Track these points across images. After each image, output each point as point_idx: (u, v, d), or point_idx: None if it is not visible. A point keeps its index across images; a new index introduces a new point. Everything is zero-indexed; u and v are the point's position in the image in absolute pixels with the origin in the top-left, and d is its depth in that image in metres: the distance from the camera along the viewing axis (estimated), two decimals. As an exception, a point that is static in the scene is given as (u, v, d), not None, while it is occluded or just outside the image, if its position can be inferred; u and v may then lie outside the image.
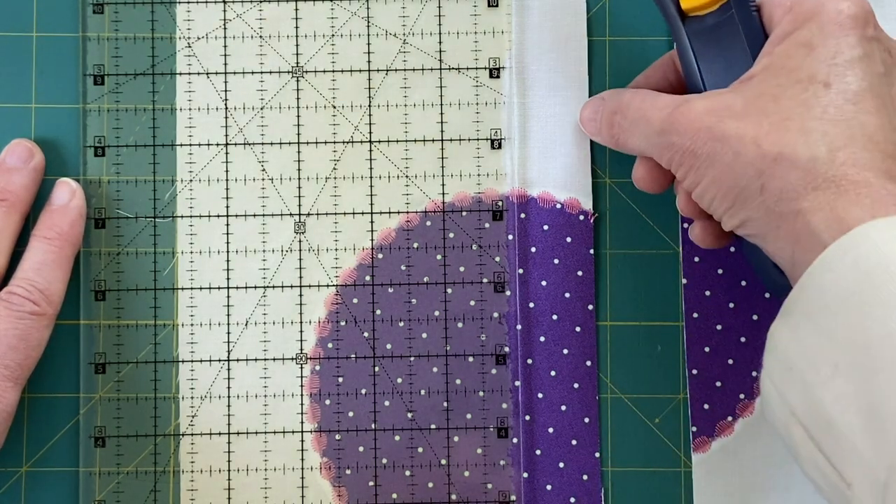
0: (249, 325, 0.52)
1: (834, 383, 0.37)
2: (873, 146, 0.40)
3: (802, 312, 0.39)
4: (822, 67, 0.41)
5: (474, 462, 0.52)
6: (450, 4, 0.53)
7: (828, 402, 0.37)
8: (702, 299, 0.52)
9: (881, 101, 0.41)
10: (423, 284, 0.52)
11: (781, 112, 0.41)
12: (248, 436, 0.52)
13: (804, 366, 0.38)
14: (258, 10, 0.53)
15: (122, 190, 0.52)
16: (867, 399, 0.36)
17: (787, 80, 0.42)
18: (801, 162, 0.40)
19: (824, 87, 0.41)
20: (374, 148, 0.53)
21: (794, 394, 0.38)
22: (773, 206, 0.41)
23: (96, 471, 0.51)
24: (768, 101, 0.42)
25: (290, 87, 0.53)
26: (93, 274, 0.52)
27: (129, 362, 0.52)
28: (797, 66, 0.42)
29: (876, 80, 0.41)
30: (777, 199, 0.40)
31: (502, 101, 0.53)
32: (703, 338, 0.52)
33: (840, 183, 0.39)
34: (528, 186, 0.53)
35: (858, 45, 0.42)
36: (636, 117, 0.46)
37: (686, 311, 0.52)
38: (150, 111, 0.53)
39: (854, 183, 0.39)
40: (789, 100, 0.41)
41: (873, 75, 0.41)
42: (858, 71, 0.41)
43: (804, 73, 0.41)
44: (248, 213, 0.52)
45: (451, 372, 0.52)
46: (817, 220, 0.39)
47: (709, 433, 0.52)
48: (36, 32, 0.53)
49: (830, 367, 0.37)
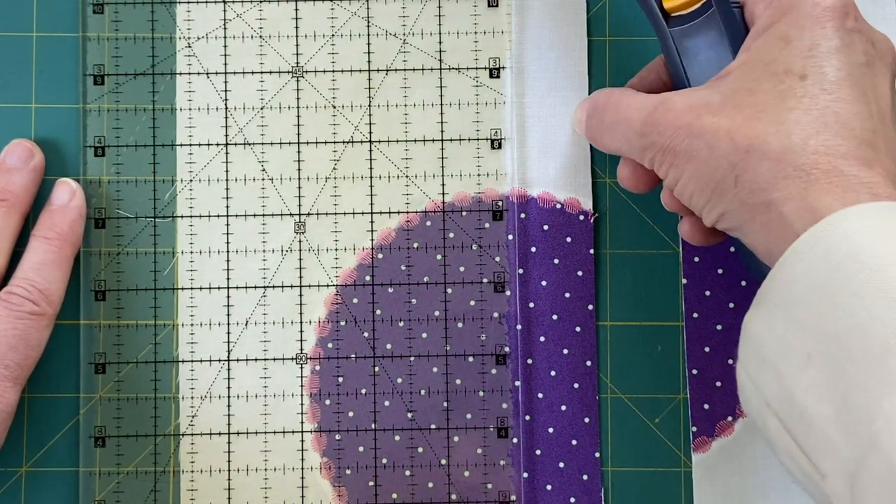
0: (249, 325, 0.52)
1: (806, 374, 0.37)
2: (847, 133, 0.40)
3: (775, 302, 0.39)
4: (798, 60, 0.41)
5: (474, 462, 0.52)
6: (450, 4, 0.53)
7: (800, 392, 0.37)
8: (702, 299, 0.52)
9: (860, 90, 0.41)
10: (423, 284, 0.52)
11: (756, 105, 0.41)
12: (248, 436, 0.52)
13: (777, 356, 0.38)
14: (258, 10, 0.53)
15: (122, 190, 0.52)
16: (838, 390, 0.36)
17: (763, 73, 0.42)
18: (772, 152, 0.40)
19: (800, 78, 0.41)
20: (374, 148, 0.53)
21: (768, 384, 0.38)
22: (747, 199, 0.40)
23: (96, 471, 0.51)
24: (744, 94, 0.42)
25: (290, 87, 0.53)
26: (93, 274, 0.52)
27: (129, 362, 0.52)
28: (774, 59, 0.42)
29: (856, 70, 0.41)
30: (750, 191, 0.40)
31: (502, 101, 0.53)
32: (703, 338, 0.52)
33: (811, 172, 0.39)
34: (528, 186, 0.53)
35: (836, 37, 0.41)
36: (615, 119, 0.46)
37: (686, 311, 0.52)
38: (150, 111, 0.53)
39: (825, 171, 0.39)
40: (765, 93, 0.41)
41: (852, 65, 0.41)
42: (835, 61, 0.41)
43: (780, 67, 0.41)
44: (248, 213, 0.52)
45: (451, 372, 0.52)
46: (788, 209, 0.39)
47: (709, 433, 0.52)
48: (36, 32, 0.53)
49: (803, 358, 0.37)
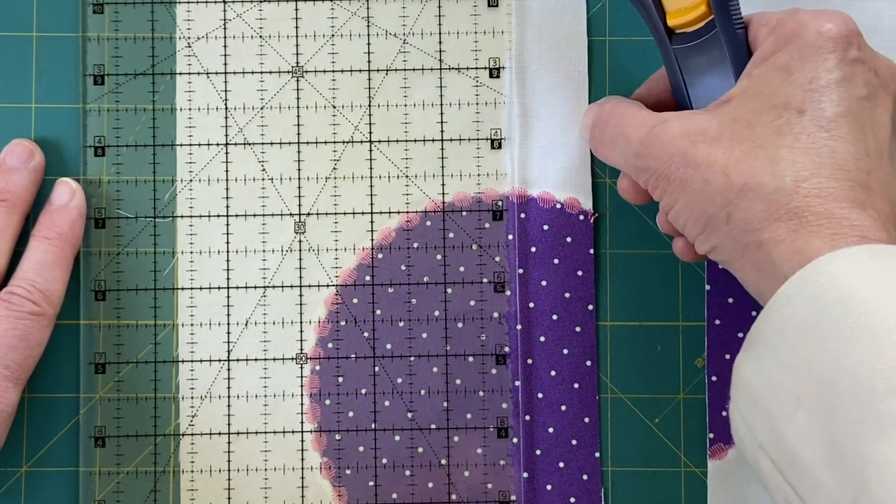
0: (249, 325, 0.52)
1: (797, 417, 0.36)
2: (842, 174, 0.39)
3: (764, 346, 0.39)
4: (797, 93, 0.41)
5: (474, 462, 0.52)
6: (450, 4, 0.53)
7: (792, 435, 0.37)
8: (724, 306, 0.52)
9: (858, 127, 0.40)
10: (423, 284, 0.52)
11: (754, 139, 0.41)
12: (248, 436, 0.52)
13: (768, 399, 0.38)
14: (258, 10, 0.53)
15: (122, 190, 0.52)
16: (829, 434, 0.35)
17: (762, 105, 0.41)
18: (766, 193, 0.40)
19: (798, 113, 0.41)
20: (374, 148, 0.53)
21: (760, 426, 0.38)
22: (739, 237, 0.40)
23: (96, 471, 0.51)
24: (742, 126, 0.41)
25: (290, 86, 0.53)
26: (93, 274, 0.52)
27: (128, 362, 0.52)
28: (774, 90, 0.41)
29: (854, 105, 0.41)
30: (742, 230, 0.40)
31: (502, 101, 0.53)
32: (725, 344, 0.52)
33: (802, 214, 0.39)
34: (528, 186, 0.53)
35: (837, 69, 0.41)
36: (615, 134, 0.46)
37: (708, 318, 0.52)
38: (150, 111, 0.53)
39: (816, 214, 0.39)
40: (763, 126, 0.41)
41: (851, 99, 0.41)
42: (835, 96, 0.41)
43: (780, 99, 0.41)
44: (248, 213, 0.52)
45: (451, 372, 0.52)
46: (778, 251, 0.39)
47: (726, 440, 0.52)
48: (36, 32, 0.53)
49: (793, 401, 0.37)
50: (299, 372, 0.52)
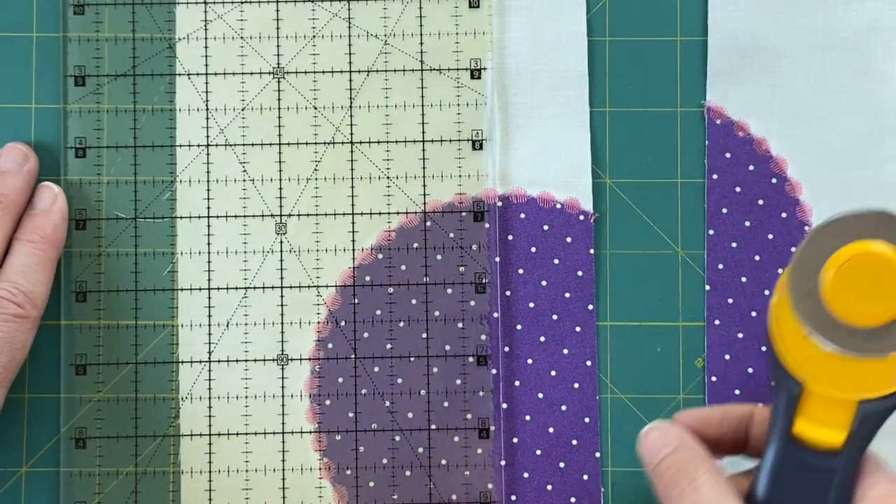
0: (231, 327, 0.52)
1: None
2: None
3: None
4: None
5: (474, 462, 0.52)
6: (431, 5, 0.53)
7: None
8: (724, 306, 0.52)
9: None
10: (423, 285, 0.52)
11: None
12: (247, 436, 0.52)
13: None
14: (239, 12, 0.53)
15: (103, 191, 0.52)
16: None
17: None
18: None
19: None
20: (356, 149, 0.53)
21: None
22: None
23: (77, 472, 0.51)
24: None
25: (272, 88, 0.53)
26: (74, 275, 0.52)
27: (109, 363, 0.52)
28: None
29: None
30: None
31: (483, 102, 0.53)
32: (724, 345, 0.52)
33: None
34: (527, 186, 0.53)
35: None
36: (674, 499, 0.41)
37: (708, 319, 0.52)
38: (132, 112, 0.53)
39: None
40: None
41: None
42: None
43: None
44: (229, 214, 0.52)
45: (450, 372, 0.52)
46: None
47: None
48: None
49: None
50: (299, 372, 0.52)
